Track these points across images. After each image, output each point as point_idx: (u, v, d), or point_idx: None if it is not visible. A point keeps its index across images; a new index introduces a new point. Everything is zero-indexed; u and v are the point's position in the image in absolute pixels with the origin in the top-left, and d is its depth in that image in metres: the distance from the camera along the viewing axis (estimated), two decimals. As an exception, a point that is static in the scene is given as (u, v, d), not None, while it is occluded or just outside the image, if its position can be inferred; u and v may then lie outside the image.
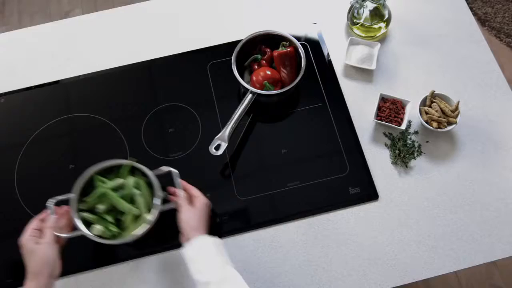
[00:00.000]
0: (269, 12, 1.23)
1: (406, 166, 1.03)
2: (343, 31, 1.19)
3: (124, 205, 0.90)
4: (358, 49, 1.12)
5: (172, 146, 1.07)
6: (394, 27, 1.17)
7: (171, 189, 0.93)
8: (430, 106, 1.04)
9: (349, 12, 1.16)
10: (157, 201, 0.89)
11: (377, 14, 1.12)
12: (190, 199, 0.90)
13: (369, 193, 1.01)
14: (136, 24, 1.23)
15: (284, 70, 1.06)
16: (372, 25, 1.13)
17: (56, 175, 1.05)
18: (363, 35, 1.16)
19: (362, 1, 1.09)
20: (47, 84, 1.15)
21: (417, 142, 1.05)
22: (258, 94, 1.03)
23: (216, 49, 1.18)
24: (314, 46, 1.17)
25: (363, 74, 1.13)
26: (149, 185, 0.93)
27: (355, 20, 1.14)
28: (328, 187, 1.02)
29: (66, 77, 1.16)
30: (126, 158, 1.05)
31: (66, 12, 2.42)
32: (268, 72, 1.05)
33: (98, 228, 0.87)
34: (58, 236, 0.85)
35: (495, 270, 1.72)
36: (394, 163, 1.03)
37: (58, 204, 0.90)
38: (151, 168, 0.94)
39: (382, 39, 1.16)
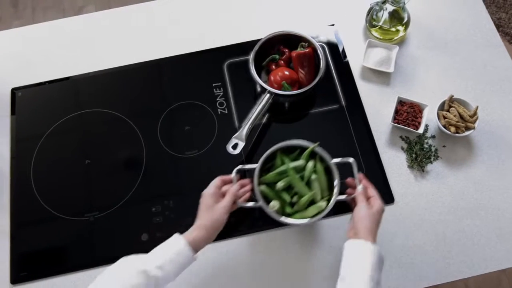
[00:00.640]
0: (287, 13, 1.22)
1: (423, 170, 1.02)
2: (360, 33, 1.19)
3: (303, 187, 0.90)
4: (376, 52, 1.12)
5: (188, 144, 1.07)
6: (413, 30, 1.17)
7: (350, 181, 0.92)
8: (448, 111, 1.03)
9: (368, 14, 1.16)
10: (335, 189, 0.89)
11: (396, 17, 1.12)
12: (367, 198, 0.87)
13: (384, 196, 0.99)
14: (151, 22, 1.23)
15: (302, 71, 1.06)
16: (390, 27, 1.12)
17: (72, 170, 1.06)
18: (381, 37, 1.16)
19: (382, 3, 1.09)
20: (64, 79, 1.16)
21: (434, 146, 1.04)
22: (276, 94, 1.03)
23: (233, 48, 1.18)
24: (331, 47, 1.17)
25: (381, 76, 1.12)
26: (326, 172, 0.92)
27: (374, 23, 1.14)
28: (344, 189, 1.01)
29: (81, 72, 1.16)
30: (142, 154, 1.06)
31: (79, 7, 2.43)
32: (286, 73, 1.05)
33: (276, 204, 0.88)
34: (233, 203, 0.88)
35: (503, 277, 1.71)
36: (411, 166, 1.03)
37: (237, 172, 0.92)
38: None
39: (400, 42, 1.16)
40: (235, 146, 0.99)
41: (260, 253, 0.97)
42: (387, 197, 1.00)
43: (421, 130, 1.03)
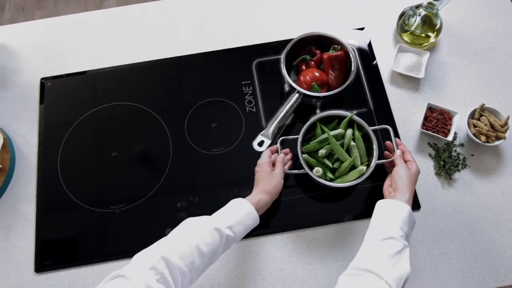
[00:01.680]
0: (316, 14, 1.22)
1: (450, 178, 1.02)
2: (390, 37, 1.18)
3: (343, 153, 0.95)
4: (407, 57, 1.11)
5: (215, 141, 1.07)
6: (444, 37, 1.16)
7: (389, 144, 0.98)
8: (479, 120, 1.02)
9: (399, 19, 1.15)
10: (374, 154, 0.94)
11: (428, 23, 1.11)
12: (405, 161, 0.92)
13: (411, 203, 1.00)
14: (184, 18, 1.23)
15: (333, 73, 1.05)
16: (422, 33, 1.12)
17: (99, 161, 1.06)
18: (411, 42, 1.15)
19: (416, 8, 1.08)
20: (93, 71, 1.16)
21: (462, 154, 1.04)
22: (304, 95, 1.03)
23: (262, 47, 1.18)
24: (361, 50, 1.16)
25: (410, 82, 1.12)
26: (363, 139, 0.98)
27: (405, 27, 1.13)
28: (370, 194, 1.01)
29: (111, 65, 1.17)
30: (169, 149, 1.06)
31: (101, 0, 2.44)
32: (317, 74, 1.04)
33: (319, 170, 0.93)
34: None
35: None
36: (438, 174, 1.02)
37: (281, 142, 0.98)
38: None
39: (430, 48, 1.15)
40: (261, 144, 0.99)
41: (286, 253, 0.97)
42: (414, 203, 0.99)
43: (450, 138, 1.02)
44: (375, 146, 0.95)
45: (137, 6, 1.26)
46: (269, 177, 0.91)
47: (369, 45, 1.17)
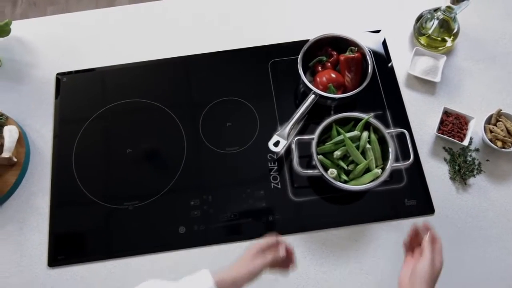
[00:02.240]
0: (333, 15, 1.22)
1: (465, 183, 1.01)
2: (406, 39, 1.18)
3: (359, 155, 0.95)
4: (423, 60, 1.11)
5: (229, 140, 1.07)
6: (461, 41, 1.15)
7: (416, 229, 0.81)
8: (495, 125, 1.02)
9: (416, 22, 1.14)
10: (390, 157, 0.94)
11: (445, 27, 1.11)
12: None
13: (425, 207, 1.00)
14: (196, 16, 1.23)
15: (349, 75, 1.05)
16: (439, 37, 1.11)
17: (113, 158, 1.06)
18: (427, 46, 1.14)
19: (434, 11, 1.08)
20: (109, 68, 1.17)
21: (477, 159, 1.03)
22: (320, 96, 1.02)
23: (277, 47, 1.18)
24: (376, 53, 1.16)
25: (426, 86, 1.11)
26: (379, 142, 0.97)
27: (422, 31, 1.12)
28: (384, 197, 1.01)
29: (127, 62, 1.17)
30: (183, 148, 1.06)
31: (113, -4, 2.45)
32: (333, 75, 1.04)
33: (334, 171, 0.93)
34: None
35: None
36: (453, 178, 1.02)
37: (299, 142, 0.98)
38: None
39: (446, 52, 1.14)
40: (276, 144, 0.99)
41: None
42: (427, 207, 0.99)
43: (466, 143, 1.01)
44: (391, 149, 0.94)
45: (152, 4, 1.26)
46: (247, 261, 0.78)
47: (385, 47, 1.17)
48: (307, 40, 1.06)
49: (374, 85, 1.12)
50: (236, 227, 0.98)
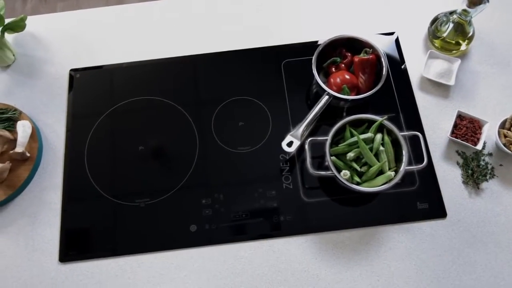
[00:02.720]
0: (346, 17, 1.22)
1: (478, 188, 1.01)
2: (420, 42, 1.17)
3: (372, 157, 0.95)
4: (437, 63, 1.11)
5: (241, 139, 1.07)
6: (475, 45, 1.15)
7: None
8: (509, 129, 1.01)
9: (431, 25, 1.14)
10: (404, 159, 0.93)
11: (460, 30, 1.10)
12: None
13: (437, 210, 0.99)
14: (209, 15, 1.24)
15: (363, 77, 1.05)
16: (453, 40, 1.11)
17: (125, 154, 1.07)
18: (441, 49, 1.14)
19: (450, 14, 1.07)
20: (122, 65, 1.17)
21: (490, 164, 1.03)
22: (334, 97, 1.02)
23: (290, 48, 1.17)
24: (390, 55, 1.16)
25: (440, 89, 1.11)
26: (392, 144, 0.97)
27: (437, 34, 1.12)
28: (396, 200, 1.00)
29: (139, 59, 1.18)
30: (195, 146, 1.07)
31: (124, -7, 2.45)
32: (347, 77, 1.04)
33: (347, 173, 0.94)
34: None
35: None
36: (465, 182, 1.01)
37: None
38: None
39: (460, 56, 1.14)
40: (290, 144, 0.99)
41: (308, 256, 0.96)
42: (439, 211, 0.99)
43: (479, 147, 1.01)
44: (404, 152, 0.94)
45: (165, 2, 1.26)
46: None
47: (399, 49, 1.16)
48: (317, 41, 1.06)
49: (387, 87, 1.11)
50: (248, 226, 0.98)
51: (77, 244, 0.98)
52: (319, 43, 1.08)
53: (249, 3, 1.24)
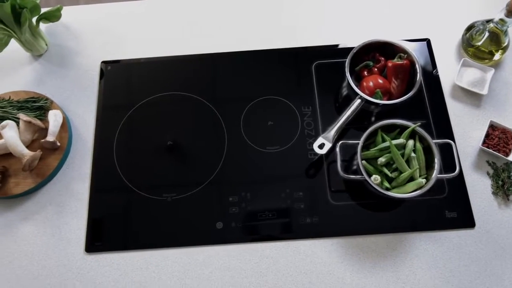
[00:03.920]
0: (380, 22, 1.21)
1: (508, 199, 1.00)
2: (453, 49, 1.16)
3: (404, 163, 0.94)
4: (470, 72, 1.10)
5: (270, 139, 1.07)
6: (509, 55, 1.14)
7: None
8: (543, 142, 1.00)
9: (465, 33, 1.13)
10: (436, 167, 0.93)
11: (494, 39, 1.09)
12: None
13: (465, 220, 0.98)
14: (244, 14, 1.24)
15: (395, 82, 1.04)
16: (487, 49, 1.10)
17: (154, 149, 1.07)
18: (474, 57, 1.13)
19: (487, 22, 1.06)
20: (153, 59, 1.17)
21: (521, 176, 1.02)
22: (366, 101, 1.02)
23: (322, 49, 1.17)
24: (423, 61, 1.15)
25: (472, 98, 1.10)
26: (425, 151, 0.97)
27: (472, 42, 1.11)
28: (424, 207, 1.00)
29: (171, 54, 1.18)
30: (223, 143, 1.07)
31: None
32: (380, 81, 1.03)
33: (377, 178, 0.93)
34: None
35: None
36: (495, 193, 1.00)
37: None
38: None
39: (493, 65, 1.13)
40: (321, 146, 0.98)
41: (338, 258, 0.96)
42: (468, 221, 0.98)
43: (511, 158, 1.00)
44: (436, 160, 0.93)
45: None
46: None
47: (431, 56, 1.15)
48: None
49: (418, 93, 1.11)
50: (274, 226, 0.98)
51: (103, 235, 0.99)
52: (349, 46, 1.07)
53: (287, 4, 1.24)
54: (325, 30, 1.20)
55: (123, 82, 1.15)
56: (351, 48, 1.06)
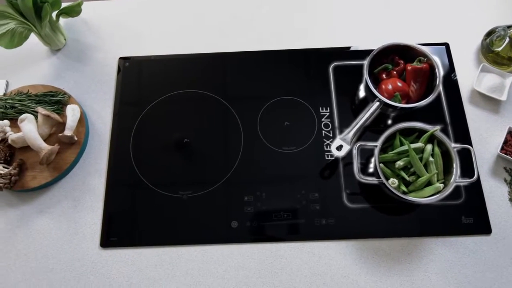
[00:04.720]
0: (399, 25, 1.21)
1: (525, 206, 0.99)
2: (472, 54, 1.16)
3: (422, 167, 0.94)
4: (489, 77, 1.09)
5: (286, 139, 1.07)
6: (529, 61, 1.13)
7: None
8: (562, 150, 0.99)
9: (485, 38, 1.12)
10: (454, 172, 0.92)
11: (514, 45, 1.08)
12: None
13: (482, 226, 0.98)
14: (262, 14, 1.24)
15: (414, 85, 1.04)
16: (507, 55, 1.09)
17: (170, 146, 1.07)
18: (493, 63, 1.12)
19: (508, 28, 1.05)
20: (171, 56, 1.18)
21: (538, 183, 1.01)
22: (384, 104, 1.01)
23: (340, 51, 1.17)
24: (442, 66, 1.14)
25: (490, 103, 1.09)
26: (442, 156, 0.96)
27: (492, 47, 1.10)
28: (440, 212, 0.99)
29: (188, 52, 1.18)
30: (240, 142, 1.07)
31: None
32: (399, 84, 1.03)
33: (395, 181, 0.93)
34: None
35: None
36: (512, 200, 1.00)
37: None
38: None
39: (511, 72, 1.12)
40: (339, 148, 0.98)
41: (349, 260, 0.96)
42: (484, 227, 0.98)
43: (529, 165, 0.99)
44: (455, 165, 0.93)
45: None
46: None
47: (450, 60, 1.15)
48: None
49: (436, 98, 1.10)
50: (289, 227, 0.98)
51: (118, 231, 0.99)
52: (367, 48, 1.07)
53: (304, 5, 1.24)
54: (344, 33, 1.20)
55: (140, 78, 1.15)
56: (369, 51, 1.06)
